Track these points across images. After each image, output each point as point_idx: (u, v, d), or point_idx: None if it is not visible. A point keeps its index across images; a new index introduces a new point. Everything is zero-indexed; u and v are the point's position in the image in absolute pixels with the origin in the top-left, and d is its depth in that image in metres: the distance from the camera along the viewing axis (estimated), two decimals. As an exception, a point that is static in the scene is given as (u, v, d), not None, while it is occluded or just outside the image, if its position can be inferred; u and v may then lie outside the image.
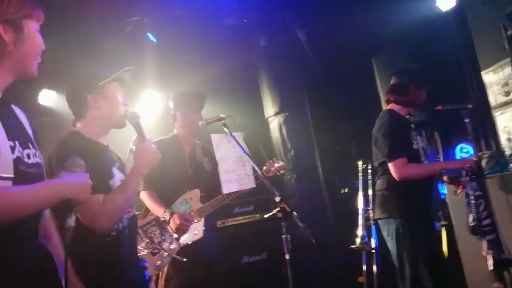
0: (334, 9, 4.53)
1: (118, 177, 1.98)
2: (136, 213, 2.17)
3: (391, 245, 2.90)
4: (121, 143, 2.94)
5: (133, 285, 1.95)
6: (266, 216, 2.23)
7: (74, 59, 4.65)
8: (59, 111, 4.71)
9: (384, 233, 2.96)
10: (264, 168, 3.19)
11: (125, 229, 1.96)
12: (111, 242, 1.88)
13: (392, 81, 3.05)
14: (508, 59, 2.97)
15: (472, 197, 2.56)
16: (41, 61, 1.55)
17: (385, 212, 2.91)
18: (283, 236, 2.06)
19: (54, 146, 1.90)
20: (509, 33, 2.98)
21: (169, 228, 2.84)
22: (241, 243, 4.63)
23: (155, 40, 4.61)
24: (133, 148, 3.12)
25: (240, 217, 4.77)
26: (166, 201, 2.91)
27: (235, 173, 2.56)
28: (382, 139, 2.89)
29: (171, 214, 2.81)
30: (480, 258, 2.73)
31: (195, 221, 2.90)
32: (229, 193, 2.95)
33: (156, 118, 4.94)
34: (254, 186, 2.64)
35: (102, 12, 4.22)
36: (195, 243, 2.88)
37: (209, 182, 3.03)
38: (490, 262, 2.57)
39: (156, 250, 2.80)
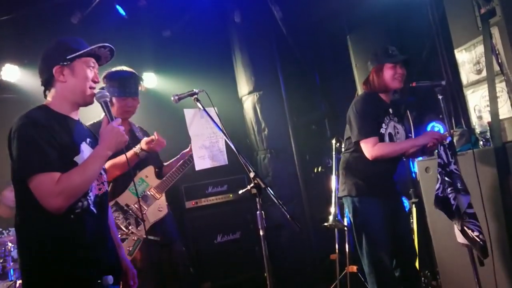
0: (310, -15, 4.46)
1: (87, 153, 1.90)
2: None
3: (351, 221, 3.00)
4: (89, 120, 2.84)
5: (98, 265, 1.87)
6: (240, 192, 2.18)
7: (38, 33, 4.43)
8: (22, 87, 4.50)
9: (347, 210, 3.01)
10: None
11: (92, 207, 1.88)
12: (75, 219, 1.80)
13: None
14: (481, 37, 2.97)
15: (454, 168, 2.56)
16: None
17: (344, 190, 2.99)
18: (258, 212, 2.02)
19: (16, 119, 1.80)
20: (482, 11, 2.98)
21: (130, 211, 2.80)
22: (214, 223, 4.62)
23: (125, 14, 4.42)
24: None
25: (213, 197, 4.75)
26: (121, 185, 2.86)
27: (208, 150, 2.51)
28: (353, 117, 2.93)
29: (139, 146, 2.80)
30: (448, 234, 2.79)
31: (158, 196, 2.90)
32: (184, 165, 2.96)
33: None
34: (227, 163, 2.60)
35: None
36: (160, 220, 2.86)
37: (156, 158, 3.04)
38: (460, 237, 2.62)
39: (124, 236, 2.74)
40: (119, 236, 2.69)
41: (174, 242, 2.98)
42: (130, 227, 2.77)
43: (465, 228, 2.53)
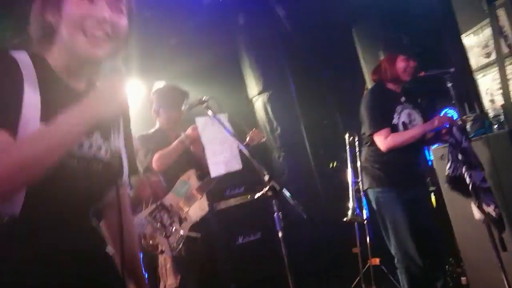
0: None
1: None
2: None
3: (377, 213, 3.04)
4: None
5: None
6: (256, 196, 2.21)
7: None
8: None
9: (365, 203, 3.11)
10: (248, 139, 3.31)
11: None
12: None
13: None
14: (488, 19, 2.94)
15: (466, 144, 2.53)
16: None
17: (367, 182, 3.06)
18: (275, 214, 2.05)
19: None
20: (487, -7, 2.95)
21: (174, 210, 2.91)
22: (234, 225, 4.65)
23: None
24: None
25: (232, 199, 4.77)
26: (165, 188, 2.97)
27: (222, 156, 2.55)
28: (364, 111, 2.97)
29: (185, 133, 2.92)
30: (468, 220, 2.77)
31: (199, 197, 3.00)
32: None
33: (138, 108, 4.78)
34: (241, 167, 2.64)
35: None
36: (203, 219, 2.96)
37: (200, 163, 3.11)
38: (477, 214, 2.59)
39: (169, 233, 2.85)
40: (164, 234, 2.82)
41: (214, 239, 3.08)
42: (173, 225, 2.86)
43: (483, 204, 2.51)
